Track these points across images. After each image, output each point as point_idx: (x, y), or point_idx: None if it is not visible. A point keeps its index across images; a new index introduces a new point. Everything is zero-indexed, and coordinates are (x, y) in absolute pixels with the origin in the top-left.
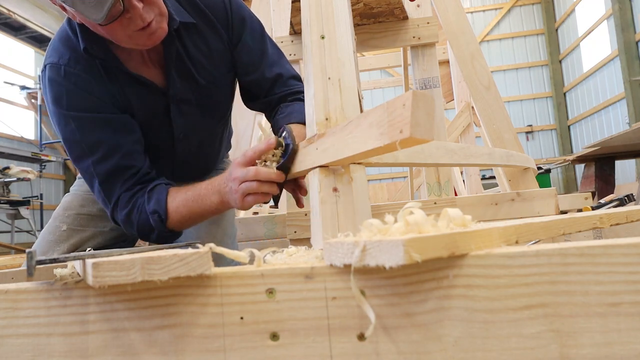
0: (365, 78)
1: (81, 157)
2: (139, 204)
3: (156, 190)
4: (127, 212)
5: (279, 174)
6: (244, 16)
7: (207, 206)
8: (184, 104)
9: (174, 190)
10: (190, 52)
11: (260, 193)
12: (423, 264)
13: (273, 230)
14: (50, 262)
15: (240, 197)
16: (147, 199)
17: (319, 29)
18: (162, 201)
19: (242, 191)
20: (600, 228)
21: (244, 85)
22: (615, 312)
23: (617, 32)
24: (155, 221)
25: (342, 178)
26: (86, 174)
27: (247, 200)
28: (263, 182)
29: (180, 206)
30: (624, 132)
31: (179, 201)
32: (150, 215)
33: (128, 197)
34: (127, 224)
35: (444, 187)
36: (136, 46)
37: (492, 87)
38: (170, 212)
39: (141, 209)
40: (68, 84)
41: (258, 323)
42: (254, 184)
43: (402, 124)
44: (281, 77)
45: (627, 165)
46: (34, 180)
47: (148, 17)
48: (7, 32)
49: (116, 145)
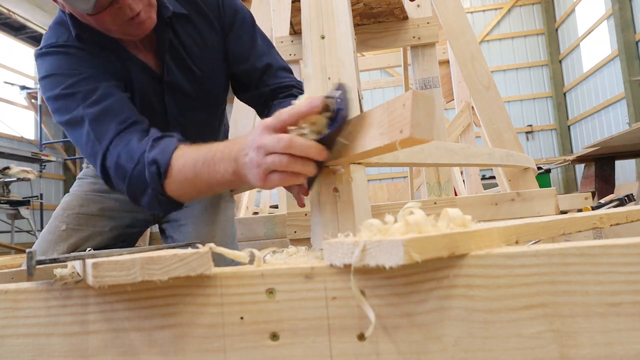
0: (365, 78)
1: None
2: (136, 149)
3: (164, 140)
4: (118, 156)
5: (320, 149)
6: (236, 7)
7: (218, 174)
8: (179, 93)
9: (185, 146)
10: (183, 41)
11: (290, 172)
12: (423, 264)
13: (273, 230)
14: (50, 262)
15: (262, 174)
16: (150, 146)
17: (319, 29)
18: (168, 152)
19: (266, 165)
20: (600, 228)
21: (235, 75)
22: (615, 312)
23: (617, 32)
24: (151, 174)
25: (342, 178)
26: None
27: (271, 179)
28: (297, 157)
29: (186, 165)
30: (624, 132)
31: (187, 159)
32: (147, 165)
33: (125, 141)
34: (117, 174)
35: (444, 187)
36: (125, 36)
37: (492, 87)
38: (173, 168)
39: (139, 156)
40: (68, 51)
41: (258, 323)
42: (285, 158)
43: (402, 124)
44: (271, 67)
45: (627, 165)
46: (34, 180)
47: (137, 7)
48: (7, 32)
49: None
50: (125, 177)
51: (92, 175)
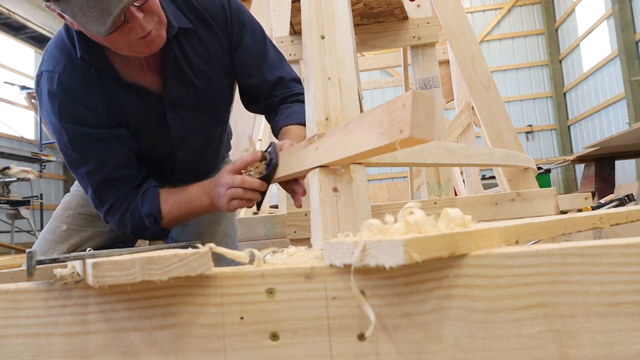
0: (365, 78)
1: (75, 166)
2: (133, 208)
3: (149, 194)
4: (121, 215)
5: (261, 184)
6: (244, 20)
7: (197, 207)
8: (181, 109)
9: (165, 192)
10: (188, 56)
11: (244, 199)
12: (423, 264)
13: (273, 230)
14: (50, 262)
15: (226, 201)
16: (141, 202)
17: (319, 29)
18: (156, 204)
19: (228, 195)
20: (600, 228)
21: (244, 88)
22: (615, 312)
23: (617, 32)
24: (150, 223)
25: (342, 178)
26: (81, 180)
27: (233, 204)
28: (247, 189)
29: (173, 208)
30: (624, 132)
31: (171, 203)
32: (145, 217)
33: (121, 203)
34: (120, 226)
35: (444, 187)
36: (135, 54)
37: (492, 87)
38: (164, 213)
39: (135, 212)
40: (62, 95)
41: (258, 323)
42: (240, 190)
43: (402, 124)
44: (282, 80)
45: (627, 165)
46: (34, 180)
47: (148, 26)
48: (7, 32)
49: (108, 158)
50: (127, 228)
51: None
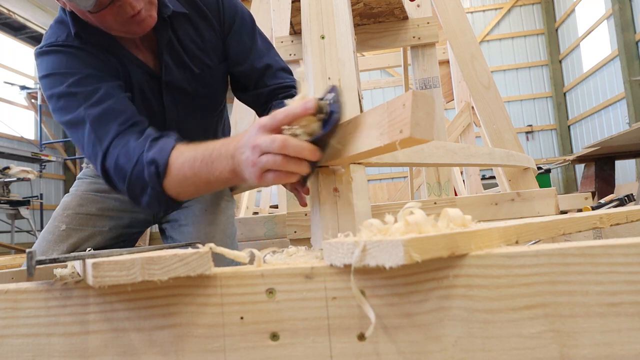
0: (365, 78)
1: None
2: (135, 149)
3: (162, 140)
4: (117, 154)
5: (313, 150)
6: (236, 7)
7: (216, 172)
8: (177, 92)
9: (182, 145)
10: (182, 41)
11: (284, 171)
12: (423, 264)
13: (273, 230)
14: (50, 262)
15: (258, 172)
16: (148, 146)
17: (319, 29)
18: (166, 152)
19: (261, 165)
20: (600, 228)
21: (234, 75)
22: (615, 312)
23: (617, 32)
24: (150, 174)
25: (342, 178)
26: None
27: (267, 178)
28: (291, 157)
29: (185, 164)
30: (624, 132)
31: (185, 158)
32: (146, 165)
33: (124, 141)
34: (117, 174)
35: (444, 187)
36: (126, 34)
37: (492, 87)
38: (172, 167)
39: (138, 157)
40: (68, 50)
41: (258, 323)
42: (279, 158)
43: (402, 124)
44: (270, 67)
45: (627, 165)
46: (34, 180)
47: (138, 5)
48: (7, 32)
49: (114, 93)
50: (124, 177)
51: (91, 175)
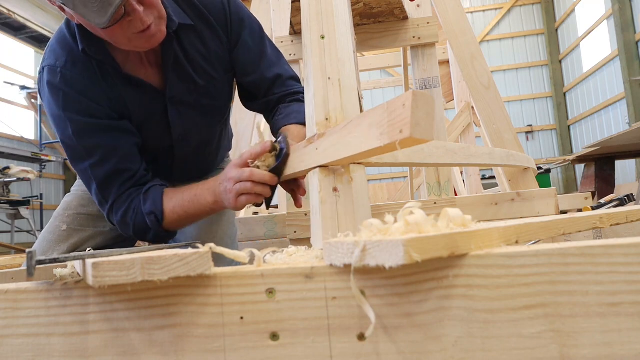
0: (365, 78)
1: (78, 160)
2: (135, 206)
3: (151, 192)
4: (123, 213)
5: (271, 177)
6: (243, 17)
7: (202, 206)
8: (182, 106)
9: (169, 191)
10: (188, 53)
11: (253, 194)
12: (423, 264)
13: (273, 230)
14: (50, 262)
15: (234, 197)
16: (143, 200)
17: (319, 29)
18: (159, 202)
19: (236, 191)
20: (600, 228)
21: (243, 85)
22: (615, 312)
23: (617, 32)
24: (152, 222)
25: (342, 178)
26: (84, 176)
27: (241, 200)
28: (257, 183)
29: (176, 207)
30: (624, 132)
31: (175, 202)
32: (146, 216)
33: (124, 199)
34: (123, 225)
35: (444, 187)
36: (135, 48)
37: (492, 87)
38: (167, 212)
39: (137, 210)
40: (65, 87)
41: (258, 323)
42: (248, 184)
43: (402, 124)
44: (280, 77)
45: (627, 165)
46: (34, 180)
47: (148, 20)
48: (7, 32)
49: (113, 149)
50: (129, 228)
51: None
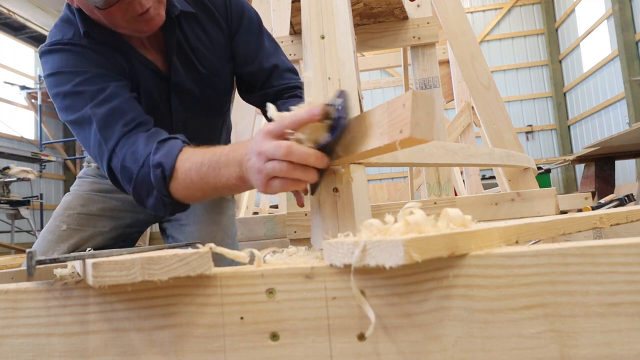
0: (365, 78)
1: (78, 106)
2: (142, 151)
3: (169, 143)
4: (125, 158)
5: (319, 157)
6: (243, 8)
7: (223, 178)
8: (184, 93)
9: (190, 149)
10: (190, 41)
11: (291, 179)
12: (423, 264)
13: (273, 230)
14: (50, 262)
15: (263, 179)
16: (155, 149)
17: (319, 29)
18: (173, 155)
19: (267, 172)
20: (600, 228)
21: (241, 76)
22: (615, 312)
23: (617, 32)
24: (156, 177)
25: (342, 178)
26: (82, 123)
27: (273, 185)
28: (296, 164)
29: (192, 168)
30: (624, 132)
31: (192, 162)
32: (152, 168)
33: (128, 140)
34: (123, 175)
35: (444, 187)
36: (134, 32)
37: (492, 87)
38: (179, 171)
39: (144, 159)
40: (74, 49)
41: (258, 323)
42: (285, 165)
43: (402, 124)
44: (277, 68)
45: (627, 165)
46: (34, 180)
47: (146, 3)
48: (7, 32)
49: (119, 93)
50: (131, 179)
51: (93, 175)
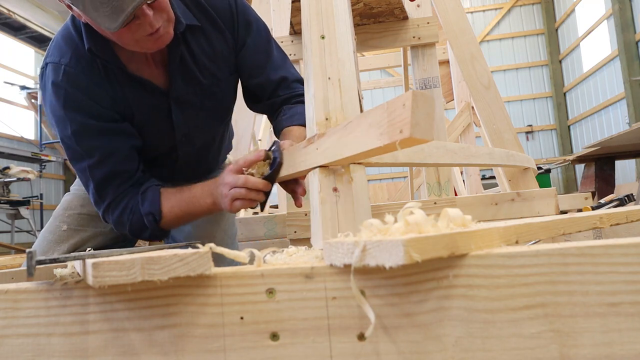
0: (365, 78)
1: (77, 159)
2: (132, 206)
3: (149, 192)
4: (120, 213)
5: (265, 184)
6: (250, 19)
7: (200, 207)
8: (186, 106)
9: (166, 192)
10: (194, 54)
11: (247, 199)
12: (423, 264)
13: (273, 230)
14: (50, 262)
15: (229, 201)
16: (141, 201)
17: (319, 29)
18: (157, 203)
19: (231, 196)
20: (600, 228)
21: (248, 87)
22: (615, 312)
23: (617, 32)
24: (149, 222)
25: (342, 178)
26: (82, 175)
27: (235, 205)
28: (251, 189)
29: (174, 207)
30: (624, 132)
31: (173, 202)
32: (144, 216)
33: (121, 199)
34: (119, 224)
35: (444, 187)
36: (141, 49)
37: (492, 87)
38: (165, 212)
39: (134, 210)
40: (68, 86)
41: (258, 323)
42: (243, 190)
43: (402, 124)
44: (285, 80)
45: (627, 165)
46: (34, 180)
47: (157, 23)
48: (7, 32)
49: (112, 151)
50: (125, 227)
51: None
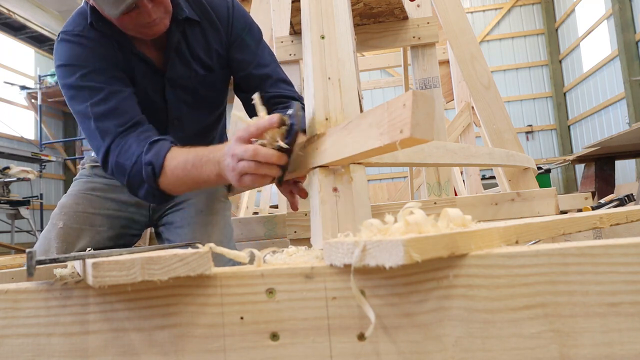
0: (365, 78)
1: (80, 100)
2: (135, 151)
3: (159, 143)
4: (121, 153)
5: (279, 156)
6: (245, 23)
7: (205, 175)
8: (179, 88)
9: (176, 149)
10: (190, 43)
11: (258, 174)
12: (423, 264)
13: (273, 230)
14: (50, 262)
15: (237, 176)
16: (147, 149)
17: (319, 29)
18: (161, 156)
19: (239, 170)
20: (600, 228)
21: (235, 80)
22: (615, 312)
23: (617, 32)
24: (147, 174)
25: (342, 178)
26: (82, 116)
27: (244, 180)
28: (262, 163)
29: (178, 166)
30: (624, 132)
31: (178, 161)
32: (144, 166)
33: (123, 139)
34: (118, 169)
35: (444, 187)
36: (139, 35)
37: (492, 87)
38: (166, 169)
39: (136, 157)
40: (81, 42)
41: (258, 323)
42: (252, 164)
43: (402, 124)
44: (270, 77)
45: (627, 165)
46: (34, 180)
47: (154, 14)
48: (7, 32)
49: (118, 92)
50: (124, 173)
51: (87, 175)
